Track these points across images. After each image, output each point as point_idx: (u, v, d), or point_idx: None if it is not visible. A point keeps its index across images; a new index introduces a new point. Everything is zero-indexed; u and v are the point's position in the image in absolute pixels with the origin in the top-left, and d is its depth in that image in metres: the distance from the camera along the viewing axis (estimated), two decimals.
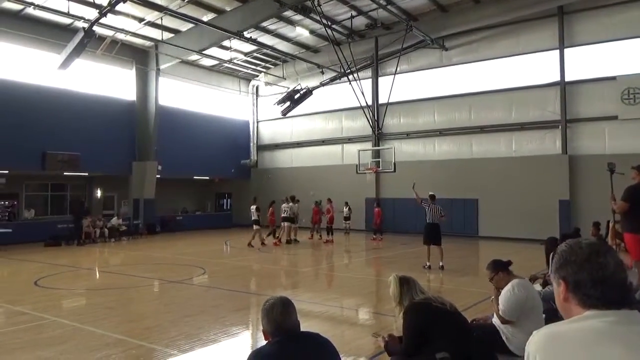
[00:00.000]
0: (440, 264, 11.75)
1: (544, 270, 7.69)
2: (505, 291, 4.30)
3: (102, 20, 16.20)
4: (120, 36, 19.43)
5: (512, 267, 4.57)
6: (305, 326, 2.67)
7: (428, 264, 11.84)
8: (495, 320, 4.40)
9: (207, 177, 27.18)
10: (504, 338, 4.24)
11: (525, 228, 18.21)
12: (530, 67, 19.33)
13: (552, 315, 5.65)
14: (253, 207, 17.67)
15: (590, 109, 18.09)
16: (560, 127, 18.56)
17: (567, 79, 18.50)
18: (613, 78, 17.52)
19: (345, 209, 20.88)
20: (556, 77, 18.67)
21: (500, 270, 4.49)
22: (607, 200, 7.19)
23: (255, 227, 17.31)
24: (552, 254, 7.26)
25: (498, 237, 18.99)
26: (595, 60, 18.08)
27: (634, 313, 1.39)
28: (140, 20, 18.98)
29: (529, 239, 17.07)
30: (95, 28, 16.22)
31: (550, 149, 18.86)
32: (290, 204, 18.32)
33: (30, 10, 17.33)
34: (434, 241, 11.97)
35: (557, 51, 18.68)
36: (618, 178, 7.17)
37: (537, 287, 5.81)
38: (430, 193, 12.53)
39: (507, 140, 19.87)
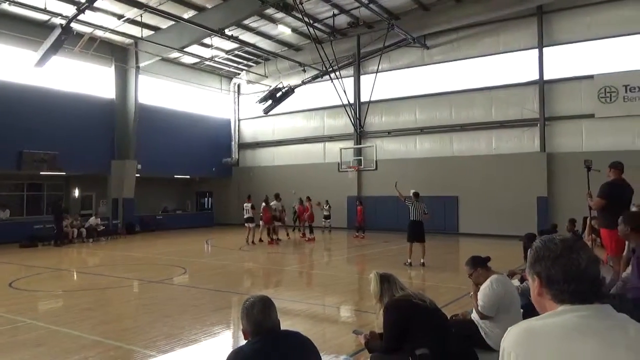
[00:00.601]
0: (422, 261, 11.84)
1: (521, 266, 7.80)
2: (484, 287, 4.34)
3: (80, 17, 15.91)
4: (99, 33, 19.06)
5: (491, 263, 4.62)
6: (285, 325, 2.65)
7: (409, 260, 11.92)
8: (474, 316, 4.44)
9: (188, 176, 26.92)
10: (482, 333, 4.28)
11: (504, 225, 18.45)
12: (510, 66, 19.60)
13: (530, 310, 5.72)
14: (248, 205, 17.70)
15: (568, 107, 18.42)
16: (538, 125, 18.85)
17: (545, 77, 18.80)
18: (590, 77, 17.87)
19: (326, 207, 20.88)
20: (535, 76, 18.97)
21: (479, 266, 4.53)
22: (584, 197, 7.32)
23: (249, 224, 17.38)
24: (529, 250, 7.30)
25: (478, 234, 19.23)
26: (573, 59, 18.40)
27: (607, 307, 1.41)
28: (120, 17, 18.66)
29: (507, 235, 17.28)
30: (73, 25, 15.92)
31: (529, 146, 19.15)
32: (274, 202, 18.35)
33: (5, 6, 16.92)
34: (417, 239, 12.03)
35: (536, 50, 18.97)
36: (594, 175, 7.31)
37: (515, 282, 5.88)
38: (414, 191, 12.57)
39: (487, 138, 20.12)
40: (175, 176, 26.04)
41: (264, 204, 17.75)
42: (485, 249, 12.18)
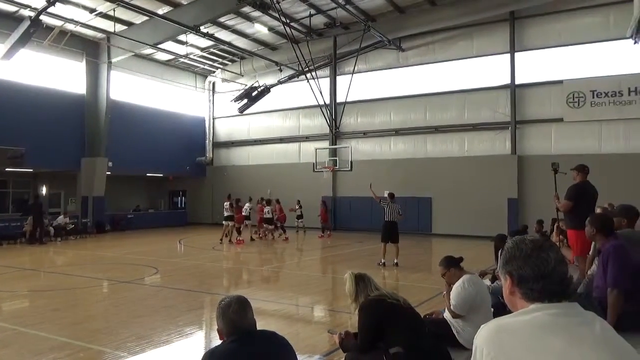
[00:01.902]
0: (395, 261, 11.95)
1: (492, 266, 7.96)
2: (456, 286, 4.42)
3: (50, 10, 15.47)
4: (70, 27, 18.57)
5: (463, 263, 4.70)
6: (261, 325, 2.64)
7: (383, 261, 12.00)
8: (447, 315, 4.51)
9: (161, 175, 26.50)
10: (454, 332, 4.35)
11: (476, 225, 18.79)
12: (483, 70, 19.98)
13: (501, 309, 5.85)
14: (227, 204, 17.87)
15: (538, 111, 18.89)
16: (510, 128, 19.28)
17: (517, 82, 19.24)
18: (560, 82, 18.37)
19: (297, 207, 20.93)
20: (507, 80, 19.39)
21: (452, 266, 4.61)
22: (552, 199, 7.51)
23: (228, 222, 17.55)
24: (500, 250, 7.49)
25: (451, 234, 19.53)
26: (544, 64, 18.88)
27: (574, 305, 1.47)
28: (92, 10, 18.22)
29: (479, 236, 17.57)
30: (43, 17, 15.47)
31: (500, 149, 19.56)
32: (247, 203, 18.77)
33: None
34: (391, 239, 12.11)
35: (508, 55, 19.38)
36: (562, 177, 7.52)
37: (487, 282, 6.00)
38: (389, 192, 12.66)
39: (460, 141, 20.46)
40: (148, 174, 25.60)
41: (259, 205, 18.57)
42: (457, 249, 12.41)
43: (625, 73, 17.19)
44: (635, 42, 10.81)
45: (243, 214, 18.27)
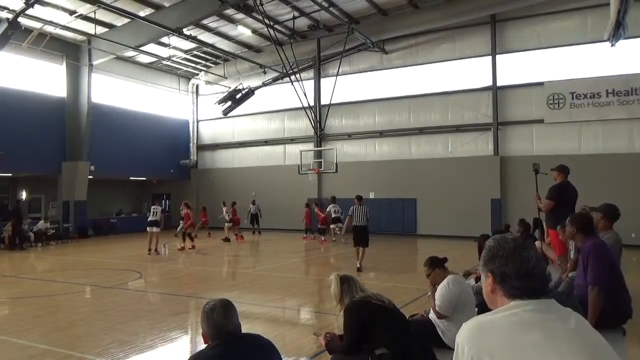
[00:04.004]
0: (358, 265, 11.49)
1: (476, 266, 8.03)
2: (441, 287, 4.46)
3: (29, 12, 15.20)
4: (49, 29, 18.26)
5: (448, 264, 4.74)
6: (246, 328, 2.63)
7: (358, 265, 11.57)
8: (432, 315, 4.54)
9: (144, 178, 26.21)
10: (439, 332, 4.38)
11: (460, 226, 18.95)
12: (466, 72, 20.18)
13: (485, 308, 5.91)
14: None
15: (519, 112, 19.15)
16: (492, 129, 19.51)
17: (499, 83, 19.49)
18: (540, 84, 18.64)
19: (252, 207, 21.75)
20: (489, 82, 19.62)
21: (437, 267, 4.65)
22: (534, 199, 7.62)
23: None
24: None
25: (435, 235, 19.67)
26: (525, 66, 19.16)
27: (551, 302, 1.51)
28: (72, 12, 17.96)
29: (463, 236, 17.75)
30: (21, 19, 15.18)
31: (483, 150, 19.78)
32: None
33: None
34: (361, 243, 11.59)
35: (490, 57, 19.63)
36: (543, 178, 7.63)
37: (471, 282, 6.06)
38: (357, 194, 12.16)
39: (443, 142, 20.63)
40: (131, 178, 25.29)
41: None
42: (442, 250, 12.51)
43: (603, 75, 17.52)
44: (612, 45, 11.04)
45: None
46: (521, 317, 1.44)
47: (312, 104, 23.05)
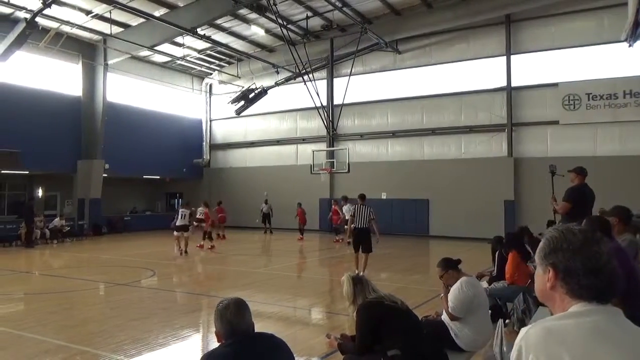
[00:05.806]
0: (361, 273, 9.66)
1: (490, 268, 7.98)
2: (454, 289, 4.42)
3: (46, 12, 15.42)
4: (66, 29, 18.49)
5: (461, 266, 4.71)
6: (258, 327, 2.64)
7: (356, 272, 9.65)
8: (445, 317, 4.51)
9: (158, 177, 26.43)
10: (452, 334, 4.35)
11: (473, 227, 18.79)
12: (479, 72, 20.01)
13: (498, 312, 5.86)
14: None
15: (534, 113, 18.94)
16: (506, 130, 19.33)
17: (513, 84, 19.29)
18: (555, 85, 18.42)
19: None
20: (503, 83, 19.44)
21: (450, 268, 4.61)
22: (549, 201, 7.53)
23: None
24: (497, 252, 7.49)
25: (447, 236, 19.53)
26: (539, 67, 18.94)
27: (619, 312, 1.36)
28: (88, 12, 18.17)
29: (476, 237, 17.60)
30: (39, 19, 15.45)
31: (496, 151, 19.60)
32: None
33: None
34: (362, 248, 10.44)
35: (504, 57, 19.44)
36: (558, 180, 7.54)
37: (484, 284, 6.01)
38: (360, 193, 11.25)
39: (456, 143, 20.49)
40: (145, 176, 25.53)
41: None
42: (454, 251, 12.39)
43: (620, 76, 17.26)
44: (629, 46, 10.87)
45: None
46: (595, 326, 1.28)
47: (324, 103, 23.04)
